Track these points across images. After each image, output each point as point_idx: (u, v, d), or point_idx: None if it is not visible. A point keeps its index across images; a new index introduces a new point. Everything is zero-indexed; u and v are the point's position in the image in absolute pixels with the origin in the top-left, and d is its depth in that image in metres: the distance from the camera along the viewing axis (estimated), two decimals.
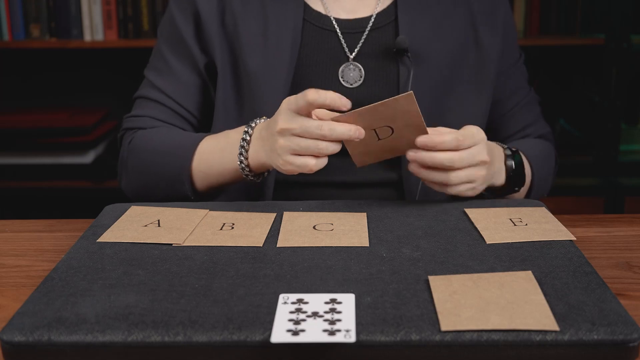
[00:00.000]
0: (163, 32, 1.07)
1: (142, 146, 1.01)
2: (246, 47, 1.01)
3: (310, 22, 1.03)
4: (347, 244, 0.74)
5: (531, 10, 2.12)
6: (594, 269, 0.68)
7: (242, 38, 1.01)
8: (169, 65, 1.05)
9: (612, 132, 2.10)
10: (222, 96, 1.03)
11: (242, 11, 1.02)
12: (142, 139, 1.02)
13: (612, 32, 2.04)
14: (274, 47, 1.00)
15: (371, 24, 1.03)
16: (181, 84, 1.05)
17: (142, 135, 1.02)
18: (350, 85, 1.02)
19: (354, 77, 1.02)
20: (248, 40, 1.01)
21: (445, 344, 0.56)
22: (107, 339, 0.57)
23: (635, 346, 0.56)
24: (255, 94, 1.01)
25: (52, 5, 2.12)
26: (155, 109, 1.05)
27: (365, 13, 1.04)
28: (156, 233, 0.78)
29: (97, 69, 2.32)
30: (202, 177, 0.96)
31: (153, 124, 1.04)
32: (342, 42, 1.03)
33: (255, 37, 1.01)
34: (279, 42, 1.00)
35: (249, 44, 1.01)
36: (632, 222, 0.91)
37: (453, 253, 0.72)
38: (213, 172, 0.95)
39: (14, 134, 2.16)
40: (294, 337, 0.54)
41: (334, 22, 1.03)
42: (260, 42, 1.01)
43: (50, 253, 0.83)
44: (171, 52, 1.05)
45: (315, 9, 1.04)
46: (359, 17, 1.04)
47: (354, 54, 1.02)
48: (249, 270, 0.68)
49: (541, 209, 0.85)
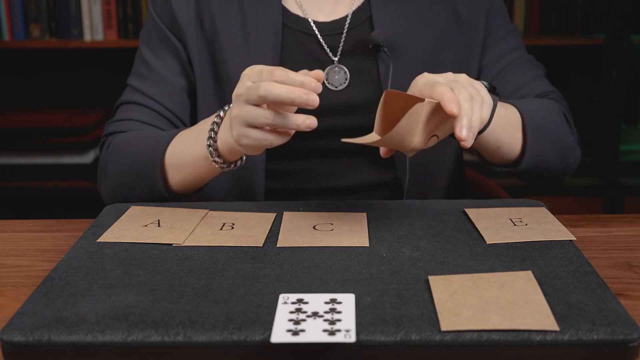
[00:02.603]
0: (144, 38, 1.06)
1: (120, 148, 0.98)
2: (227, 52, 1.00)
3: (290, 27, 1.01)
4: (347, 244, 0.74)
5: (531, 10, 2.12)
6: (594, 269, 0.68)
7: (222, 43, 1.00)
8: (152, 68, 1.03)
9: (612, 132, 2.10)
10: (203, 101, 1.02)
11: (221, 16, 1.01)
12: (120, 142, 0.99)
13: (612, 32, 2.04)
14: (256, 52, 0.99)
15: (348, 24, 1.01)
16: (165, 85, 1.03)
17: (121, 138, 0.99)
18: (335, 88, 1.01)
19: (339, 79, 1.01)
20: (229, 45, 1.00)
21: (445, 344, 0.56)
22: (107, 339, 0.57)
23: (635, 346, 0.56)
24: None
25: (52, 5, 2.12)
26: (138, 111, 1.02)
27: (342, 13, 1.03)
28: (156, 233, 0.78)
29: (97, 69, 2.32)
30: (175, 170, 0.92)
31: (135, 127, 1.01)
32: (324, 45, 1.01)
33: (235, 42, 1.00)
34: (260, 47, 0.99)
35: (229, 49, 1.00)
36: (632, 222, 0.90)
37: (453, 253, 0.72)
38: (185, 162, 0.90)
39: (14, 134, 2.16)
40: (294, 337, 0.54)
41: (312, 25, 1.01)
42: (241, 47, 0.99)
43: (50, 253, 0.83)
44: (153, 54, 1.04)
45: (293, 12, 1.02)
46: (337, 17, 1.03)
47: (337, 56, 1.01)
48: (249, 270, 0.68)
49: (541, 209, 0.85)
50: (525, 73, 1.06)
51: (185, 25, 1.01)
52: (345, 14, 1.03)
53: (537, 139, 0.92)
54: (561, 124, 0.99)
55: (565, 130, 1.00)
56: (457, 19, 1.03)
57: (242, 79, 0.79)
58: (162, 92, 1.03)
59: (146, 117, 1.02)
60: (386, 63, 0.99)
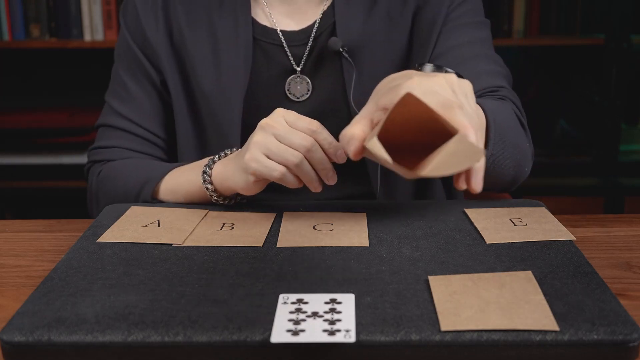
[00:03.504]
0: (119, 54, 1.05)
1: (112, 177, 0.97)
2: (198, 69, 0.99)
3: (259, 39, 1.00)
4: (347, 244, 0.74)
5: (531, 10, 2.12)
6: (594, 269, 0.68)
7: (193, 59, 0.99)
8: (129, 90, 1.02)
9: (612, 132, 2.10)
10: (179, 118, 1.01)
11: (190, 31, 1.00)
12: (111, 170, 0.98)
13: (612, 32, 2.04)
14: (227, 67, 0.98)
15: (314, 33, 1.00)
16: (144, 108, 1.02)
17: (112, 167, 0.99)
18: (297, 99, 1.00)
19: (301, 90, 1.00)
20: (199, 61, 0.99)
21: (445, 344, 0.56)
22: (107, 339, 0.57)
23: (635, 346, 0.56)
24: (212, 116, 0.99)
25: (52, 5, 2.12)
26: (122, 137, 1.02)
27: (309, 21, 1.01)
28: (156, 233, 0.78)
29: (97, 69, 2.32)
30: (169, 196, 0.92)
31: (122, 155, 1.01)
32: (289, 56, 1.00)
33: (206, 57, 0.99)
34: (231, 61, 0.98)
35: (200, 65, 0.99)
36: (632, 222, 0.90)
37: (453, 253, 0.72)
38: (180, 191, 0.91)
39: (14, 134, 2.16)
40: (294, 337, 0.54)
41: (280, 35, 1.00)
42: (211, 63, 0.99)
43: (50, 253, 0.83)
44: (129, 75, 1.03)
45: (262, 23, 1.01)
46: (303, 27, 1.01)
47: (300, 67, 1.00)
48: (249, 270, 0.68)
49: (541, 209, 0.85)
50: (477, 66, 0.96)
51: (156, 45, 1.00)
52: (311, 22, 1.01)
53: (498, 144, 0.83)
54: (517, 129, 0.90)
55: (522, 137, 0.91)
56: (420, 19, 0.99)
57: (275, 115, 0.79)
58: (142, 115, 1.02)
59: (132, 144, 1.02)
60: (349, 70, 0.97)
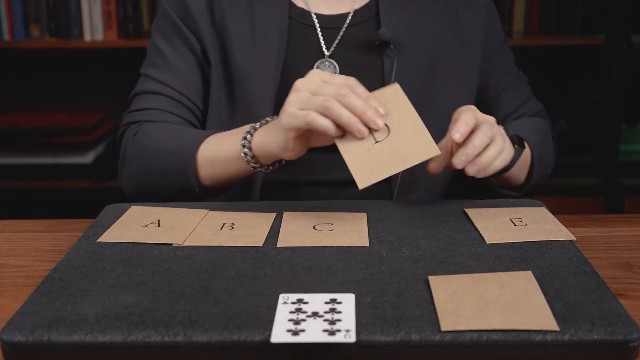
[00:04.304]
0: (158, 28, 1.07)
1: (150, 137, 0.98)
2: (235, 45, 1.02)
3: (295, 19, 1.04)
4: (347, 244, 0.74)
5: (531, 10, 2.12)
6: (594, 269, 0.68)
7: (231, 35, 1.02)
8: (168, 59, 1.04)
9: (612, 132, 2.10)
10: (214, 89, 1.03)
11: (230, 9, 1.03)
12: (149, 131, 0.99)
13: (612, 32, 2.04)
14: (262, 46, 1.01)
15: (349, 20, 1.04)
16: (183, 75, 1.04)
17: (150, 128, 1.00)
18: None
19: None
20: (236, 38, 1.02)
21: (445, 344, 0.56)
22: (107, 339, 0.57)
23: (635, 346, 0.56)
24: (245, 90, 1.01)
25: (52, 5, 2.12)
26: (160, 101, 1.03)
27: (345, 9, 1.06)
28: (156, 233, 0.78)
29: (97, 69, 2.32)
30: (207, 164, 0.93)
31: (160, 117, 1.02)
32: (320, 38, 1.04)
33: (243, 35, 1.02)
34: (266, 40, 1.01)
35: (237, 42, 1.02)
36: (632, 222, 0.91)
37: (453, 253, 0.72)
38: (218, 159, 0.92)
39: (14, 134, 2.16)
40: (294, 337, 0.54)
41: (314, 17, 1.04)
42: (248, 40, 1.02)
43: (50, 253, 0.83)
44: (168, 45, 1.05)
45: (298, 5, 1.05)
46: (340, 12, 1.05)
47: (330, 50, 1.03)
48: (249, 270, 0.68)
49: (541, 209, 0.85)
50: (521, 93, 1.13)
51: (198, 17, 1.03)
52: (348, 11, 1.05)
53: (538, 171, 1.01)
54: (551, 147, 1.09)
55: (553, 152, 1.10)
56: (457, 20, 1.06)
57: (311, 74, 0.81)
58: (181, 82, 1.04)
59: (170, 107, 1.03)
60: (390, 59, 1.01)
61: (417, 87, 1.01)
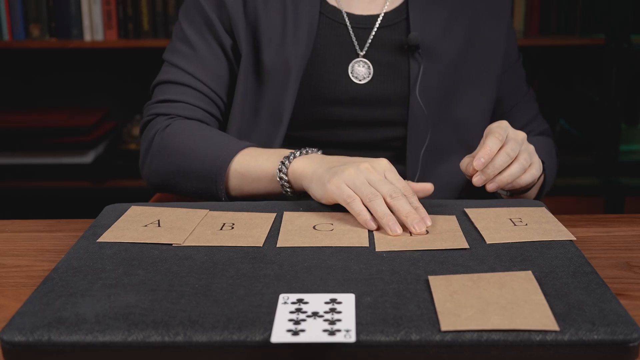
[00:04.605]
0: (187, 14, 1.05)
1: (183, 135, 0.98)
2: (265, 40, 1.02)
3: (326, 16, 1.04)
4: (347, 244, 0.74)
5: (531, 10, 2.12)
6: (594, 269, 0.68)
7: (262, 31, 1.02)
8: (196, 49, 1.03)
9: (612, 132, 2.10)
10: (241, 84, 1.03)
11: (263, 4, 1.03)
12: (183, 128, 0.99)
13: (612, 32, 2.04)
14: (291, 42, 1.01)
15: (380, 22, 1.05)
16: (210, 68, 1.03)
17: (184, 125, 0.99)
18: (359, 81, 1.04)
19: (363, 73, 1.04)
20: (267, 33, 1.02)
21: (445, 344, 0.56)
22: (107, 339, 0.57)
23: (635, 346, 0.56)
24: (271, 84, 1.02)
25: (52, 5, 2.12)
26: (188, 94, 1.02)
27: (376, 10, 1.07)
28: (156, 233, 0.78)
29: (97, 69, 2.32)
30: (237, 177, 0.93)
31: (191, 112, 1.01)
32: (353, 37, 1.04)
33: (274, 31, 1.02)
34: (295, 36, 1.01)
35: (267, 37, 1.02)
36: (632, 222, 0.91)
37: (453, 253, 0.72)
38: (250, 175, 0.92)
39: (14, 134, 2.16)
40: (294, 337, 0.54)
41: (345, 16, 1.05)
42: (278, 36, 1.02)
43: (50, 253, 0.83)
44: (198, 35, 1.04)
45: (330, 3, 1.06)
46: (371, 13, 1.06)
47: (364, 50, 1.04)
48: (249, 270, 0.68)
49: (541, 209, 0.85)
50: (531, 109, 1.16)
51: (233, 11, 1.02)
52: (378, 12, 1.06)
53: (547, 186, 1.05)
54: (555, 165, 1.13)
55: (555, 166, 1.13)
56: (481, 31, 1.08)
57: (380, 162, 0.84)
58: (208, 75, 1.03)
59: (197, 101, 1.02)
60: (418, 63, 1.03)
61: (440, 93, 1.04)
